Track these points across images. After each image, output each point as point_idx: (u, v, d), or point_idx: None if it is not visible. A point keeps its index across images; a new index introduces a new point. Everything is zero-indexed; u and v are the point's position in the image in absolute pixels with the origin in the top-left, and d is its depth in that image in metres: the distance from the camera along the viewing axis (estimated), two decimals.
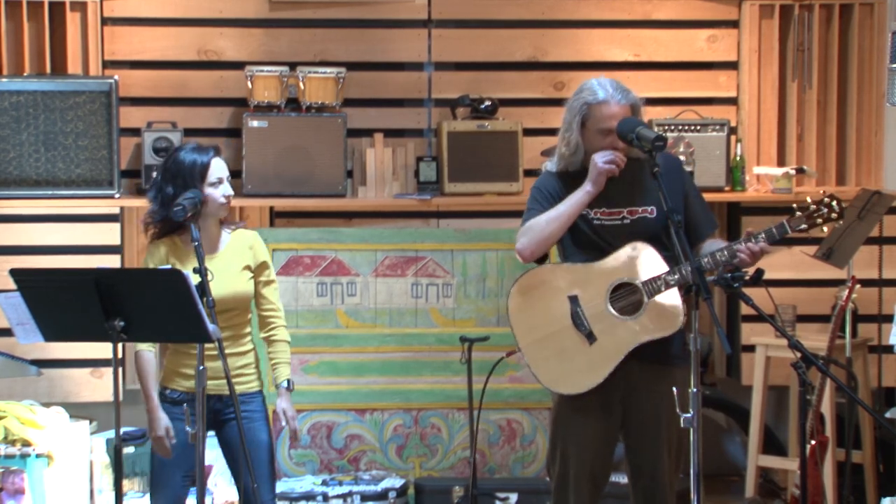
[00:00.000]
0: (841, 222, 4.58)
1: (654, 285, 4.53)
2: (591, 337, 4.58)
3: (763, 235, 4.50)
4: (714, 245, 4.61)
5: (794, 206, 4.56)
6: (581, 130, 4.60)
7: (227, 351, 4.69)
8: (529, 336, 4.65)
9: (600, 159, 4.54)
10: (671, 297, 4.55)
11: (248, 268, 4.82)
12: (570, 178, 4.67)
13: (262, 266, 4.87)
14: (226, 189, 4.77)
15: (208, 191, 4.73)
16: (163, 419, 4.72)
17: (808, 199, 4.54)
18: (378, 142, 6.98)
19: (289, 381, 4.88)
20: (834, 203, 4.52)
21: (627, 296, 4.59)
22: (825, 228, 4.56)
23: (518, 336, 4.67)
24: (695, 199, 4.71)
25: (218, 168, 4.77)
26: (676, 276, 4.51)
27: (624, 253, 4.59)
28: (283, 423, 4.85)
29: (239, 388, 4.75)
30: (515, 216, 4.79)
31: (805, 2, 7.04)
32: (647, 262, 4.57)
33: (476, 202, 6.87)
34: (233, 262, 4.80)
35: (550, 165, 4.75)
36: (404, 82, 7.09)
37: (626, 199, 4.63)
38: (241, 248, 4.83)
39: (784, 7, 7.06)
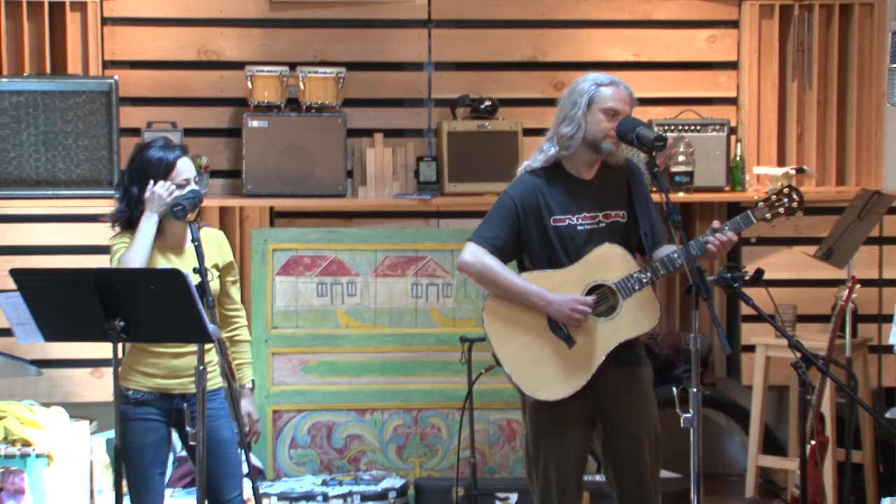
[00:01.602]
0: (801, 213, 4.67)
1: (628, 284, 4.56)
2: (569, 341, 4.59)
3: (728, 226, 4.55)
4: (668, 249, 4.64)
5: (756, 197, 4.62)
6: (585, 111, 4.62)
7: (189, 349, 4.63)
8: (507, 345, 4.65)
9: (575, 310, 4.55)
10: (646, 295, 4.58)
11: (215, 266, 4.76)
12: (556, 176, 4.67)
13: (229, 266, 4.82)
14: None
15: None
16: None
17: (769, 191, 4.64)
18: (378, 142, 6.98)
19: (253, 381, 4.85)
20: (794, 193, 4.61)
21: (603, 297, 4.60)
22: (786, 218, 4.64)
23: (495, 346, 4.66)
24: (653, 207, 4.77)
25: (185, 168, 4.68)
26: (649, 274, 4.55)
27: (596, 255, 4.61)
28: (247, 428, 4.75)
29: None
30: None
31: (805, 2, 7.04)
32: (619, 262, 4.59)
33: (476, 202, 6.87)
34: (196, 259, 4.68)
35: (532, 162, 4.72)
36: (404, 82, 7.09)
37: (601, 204, 4.67)
38: (210, 247, 4.73)
39: (784, 7, 7.06)
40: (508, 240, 4.66)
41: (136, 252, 4.60)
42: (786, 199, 4.60)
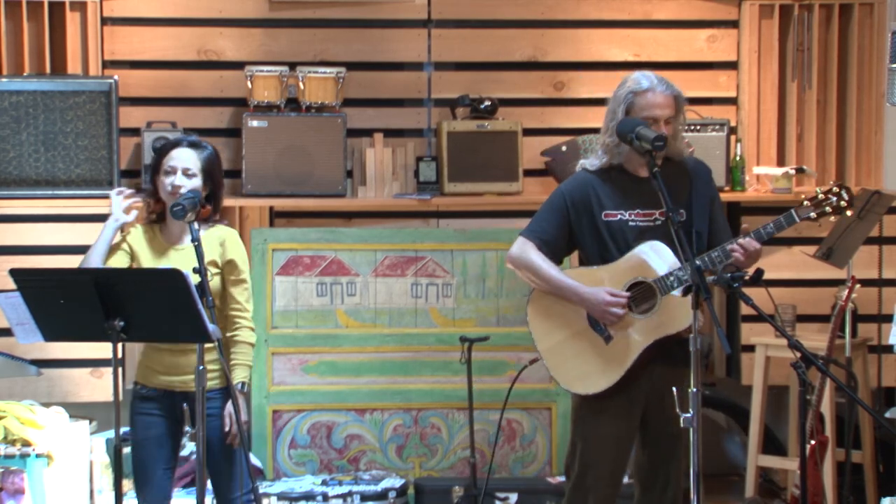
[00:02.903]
0: (850, 212, 4.57)
1: (667, 282, 4.56)
2: (607, 337, 4.61)
3: (771, 226, 4.51)
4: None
5: (803, 196, 4.56)
6: None
7: (191, 347, 4.56)
8: (548, 340, 4.70)
9: (608, 307, 4.57)
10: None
11: (213, 263, 4.70)
12: (611, 174, 4.69)
13: (230, 264, 4.73)
14: (176, 179, 4.67)
15: (160, 179, 4.71)
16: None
17: (818, 189, 4.55)
18: (378, 142, 6.98)
19: (243, 383, 4.72)
20: (843, 191, 4.53)
21: (643, 294, 4.60)
22: (833, 218, 4.55)
23: (537, 340, 4.72)
24: (718, 210, 4.77)
25: (177, 156, 4.70)
26: (688, 272, 4.53)
27: (639, 252, 4.61)
28: (226, 428, 4.69)
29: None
30: (515, 216, 4.81)
31: (805, 2, 7.04)
32: (661, 259, 4.59)
33: (476, 202, 6.87)
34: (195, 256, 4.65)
35: (587, 163, 4.75)
36: (404, 82, 7.09)
37: (658, 201, 4.63)
38: (210, 244, 4.70)
39: (784, 7, 7.06)
40: (556, 234, 4.70)
41: (90, 254, 4.75)
42: (834, 199, 4.51)
